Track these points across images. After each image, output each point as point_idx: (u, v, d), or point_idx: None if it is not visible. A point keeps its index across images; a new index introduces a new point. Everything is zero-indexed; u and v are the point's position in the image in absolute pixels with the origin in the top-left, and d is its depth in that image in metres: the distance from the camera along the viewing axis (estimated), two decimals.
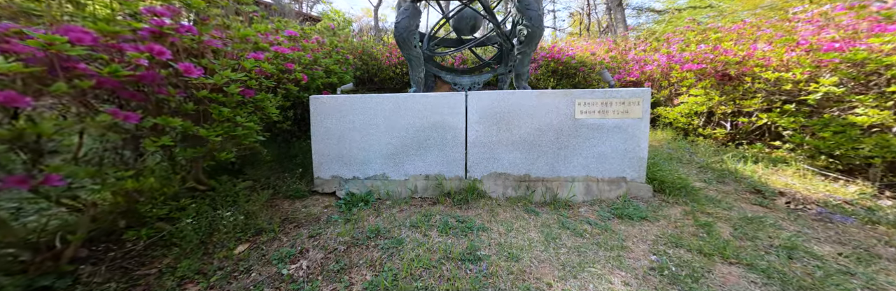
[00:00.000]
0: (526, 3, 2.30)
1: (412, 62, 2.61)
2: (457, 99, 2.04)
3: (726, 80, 2.74)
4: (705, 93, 2.76)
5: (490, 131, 2.07)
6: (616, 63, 3.95)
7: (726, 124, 2.84)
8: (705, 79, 2.79)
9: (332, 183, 2.24)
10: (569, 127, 1.98)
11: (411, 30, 2.52)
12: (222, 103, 1.38)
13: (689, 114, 2.84)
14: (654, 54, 3.34)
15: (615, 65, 3.90)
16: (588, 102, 1.89)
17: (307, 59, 2.45)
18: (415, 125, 2.11)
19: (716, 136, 2.87)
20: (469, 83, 2.87)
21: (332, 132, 2.16)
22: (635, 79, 3.30)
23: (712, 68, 2.75)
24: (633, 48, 4.13)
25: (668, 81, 3.07)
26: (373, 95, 2.11)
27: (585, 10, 19.90)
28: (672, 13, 12.63)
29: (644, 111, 1.85)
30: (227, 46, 1.55)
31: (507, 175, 2.12)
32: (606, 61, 4.11)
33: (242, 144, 1.62)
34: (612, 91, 1.86)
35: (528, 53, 2.40)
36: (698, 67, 2.73)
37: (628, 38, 5.10)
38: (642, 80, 3.25)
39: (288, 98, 2.30)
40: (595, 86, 4.17)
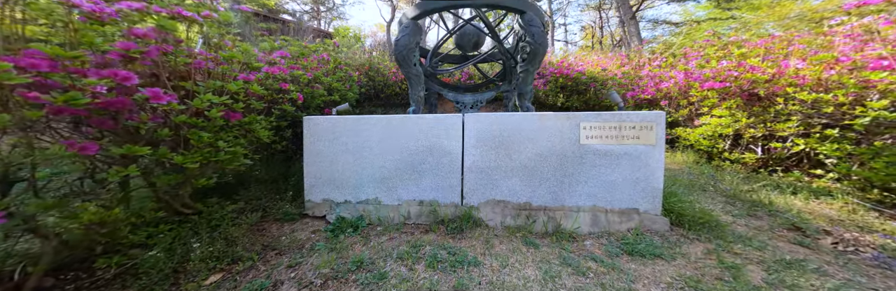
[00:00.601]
0: (528, 18, 2.21)
1: (412, 80, 2.54)
2: (453, 121, 1.93)
3: (755, 101, 2.50)
4: (731, 114, 2.51)
5: (488, 156, 1.94)
6: (629, 79, 3.76)
7: (757, 149, 2.56)
8: (730, 98, 2.55)
9: (323, 206, 2.14)
10: (573, 152, 1.82)
11: (411, 48, 2.47)
12: (203, 128, 1.31)
13: (712, 136, 2.59)
14: (670, 70, 3.14)
15: (628, 81, 3.70)
16: (594, 126, 1.74)
17: (306, 78, 2.42)
18: (409, 148, 2.01)
19: (745, 161, 2.60)
20: (471, 101, 2.76)
21: (324, 154, 2.08)
22: (650, 96, 3.10)
23: (737, 87, 2.52)
24: (648, 63, 3.94)
25: (687, 100, 2.84)
26: (366, 117, 2.03)
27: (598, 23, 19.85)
28: (690, 25, 12.35)
29: (659, 137, 1.67)
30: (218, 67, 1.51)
31: (505, 202, 1.97)
32: (618, 77, 3.93)
33: (228, 168, 1.55)
34: (622, 114, 1.71)
35: (532, 71, 2.28)
36: (721, 86, 2.51)
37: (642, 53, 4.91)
38: (658, 98, 3.05)
39: (284, 118, 2.25)
40: (607, 103, 3.98)
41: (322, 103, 2.83)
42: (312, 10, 20.80)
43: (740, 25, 10.53)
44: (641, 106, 3.27)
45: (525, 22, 2.27)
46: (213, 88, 1.34)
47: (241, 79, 1.51)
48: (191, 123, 1.23)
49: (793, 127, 2.38)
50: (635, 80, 3.59)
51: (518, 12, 2.32)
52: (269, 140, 1.81)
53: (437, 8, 2.37)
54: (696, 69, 2.76)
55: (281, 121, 2.19)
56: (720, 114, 2.58)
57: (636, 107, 3.40)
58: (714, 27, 10.87)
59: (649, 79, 3.27)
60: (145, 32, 1.17)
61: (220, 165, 1.45)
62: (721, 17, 11.53)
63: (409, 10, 2.53)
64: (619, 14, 12.32)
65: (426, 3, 2.41)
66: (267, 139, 1.74)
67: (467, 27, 2.98)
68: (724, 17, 11.42)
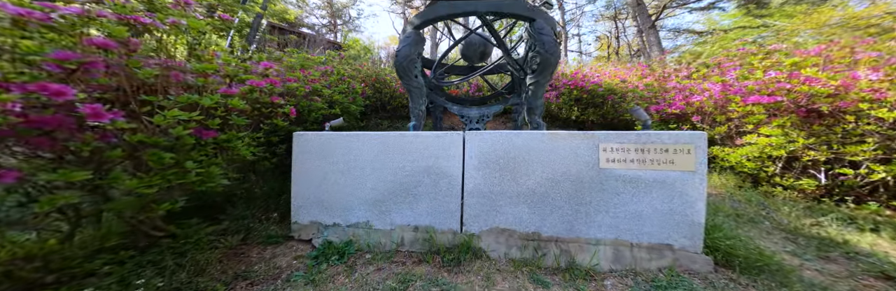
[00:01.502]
0: (538, 27, 2.02)
1: (413, 93, 2.37)
2: (452, 140, 1.72)
3: (815, 118, 2.13)
4: (784, 134, 2.15)
5: (492, 179, 1.71)
6: (652, 91, 3.44)
7: (819, 174, 2.21)
8: (782, 115, 2.19)
9: (311, 229, 1.96)
10: (591, 178, 1.57)
11: (412, 58, 2.31)
12: (168, 148, 1.16)
13: (759, 157, 2.23)
14: (702, 82, 2.81)
15: (651, 94, 3.39)
16: (617, 148, 1.49)
17: (303, 90, 2.29)
18: (404, 169, 1.81)
19: (802, 188, 2.22)
20: (477, 115, 2.56)
21: (313, 173, 1.91)
22: (678, 111, 2.78)
23: (791, 101, 2.15)
24: (674, 74, 3.61)
25: (725, 116, 2.49)
26: (359, 133, 1.85)
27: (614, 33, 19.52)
28: (716, 34, 11.86)
29: (699, 162, 1.40)
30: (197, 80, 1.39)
31: (511, 231, 1.73)
32: (640, 89, 3.64)
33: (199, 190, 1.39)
34: (651, 134, 1.45)
35: (542, 84, 2.07)
36: (771, 100, 2.14)
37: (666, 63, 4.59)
38: (688, 113, 2.72)
39: (276, 132, 2.10)
40: (627, 118, 3.67)
41: (321, 117, 2.69)
42: (330, 23, 21.50)
43: (772, 34, 10.01)
44: (668, 121, 2.95)
45: (535, 30, 2.08)
46: (184, 103, 1.19)
47: (223, 92, 1.36)
48: (151, 143, 1.07)
49: (869, 150, 1.99)
50: (660, 93, 3.27)
51: (527, 20, 2.14)
52: (253, 157, 1.65)
53: (440, 16, 2.21)
54: (735, 80, 2.44)
55: (272, 136, 2.04)
56: (770, 132, 2.21)
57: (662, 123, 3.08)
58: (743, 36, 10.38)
59: (677, 91, 2.95)
60: (105, 42, 1.04)
61: (191, 187, 1.28)
62: (750, 25, 11.02)
63: (412, 19, 2.39)
64: (636, 23, 12.03)
65: (429, 12, 2.27)
66: (250, 157, 1.58)
67: (473, 36, 2.81)
68: (754, 25, 10.91)
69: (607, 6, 18.03)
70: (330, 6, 21.63)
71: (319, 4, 21.59)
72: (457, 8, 2.16)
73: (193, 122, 1.13)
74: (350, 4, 22.71)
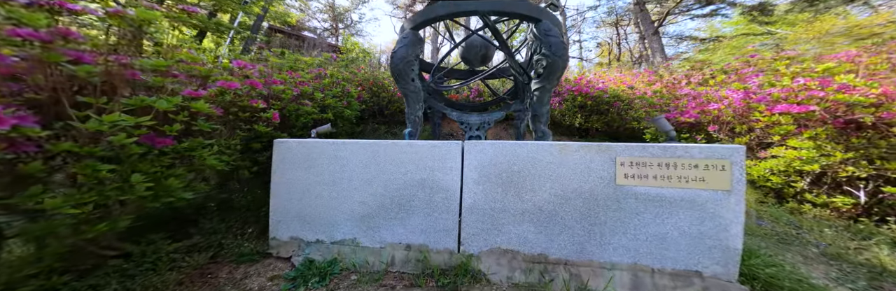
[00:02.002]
0: (544, 28, 1.86)
1: (409, 98, 2.20)
2: (450, 150, 1.55)
3: (854, 130, 1.94)
4: (817, 147, 1.94)
5: (493, 194, 1.54)
6: (662, 99, 3.27)
7: (857, 192, 2.00)
8: (814, 126, 1.99)
9: (291, 245, 1.77)
10: (606, 195, 1.39)
11: (409, 60, 2.14)
12: (107, 158, 0.98)
13: (786, 171, 2.04)
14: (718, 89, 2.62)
15: (662, 101, 3.23)
16: (637, 162, 1.31)
17: (291, 93, 2.12)
18: (396, 181, 1.63)
19: (836, 206, 2.03)
20: (478, 122, 2.39)
21: (295, 184, 1.73)
22: (692, 119, 2.60)
23: (825, 111, 1.97)
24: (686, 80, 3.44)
25: (746, 126, 2.32)
26: (348, 141, 1.68)
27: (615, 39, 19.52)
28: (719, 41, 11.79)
29: (736, 181, 1.22)
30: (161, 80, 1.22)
31: (514, 252, 1.55)
32: (649, 96, 3.48)
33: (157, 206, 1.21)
34: (678, 147, 1.27)
35: (548, 89, 1.90)
36: (802, 110, 1.95)
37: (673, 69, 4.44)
38: (703, 122, 2.53)
39: (258, 139, 1.93)
40: (634, 126, 3.49)
41: (311, 122, 2.51)
42: (332, 26, 21.51)
43: (775, 42, 9.94)
44: (680, 130, 2.78)
45: (541, 31, 1.92)
46: (134, 106, 1.02)
47: (188, 94, 1.19)
48: (83, 153, 0.90)
49: None
50: (671, 100, 3.09)
51: (532, 21, 1.98)
52: (225, 167, 1.47)
53: (439, 16, 2.06)
54: (758, 88, 2.26)
55: (254, 143, 1.86)
56: (799, 145, 2.01)
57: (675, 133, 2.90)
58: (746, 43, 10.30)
59: (690, 99, 2.78)
60: (31, 32, 0.87)
61: (142, 203, 1.10)
62: (754, 32, 10.96)
63: (410, 19, 2.23)
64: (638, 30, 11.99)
65: (428, 11, 2.11)
66: (221, 166, 1.40)
67: (474, 38, 2.66)
68: (757, 32, 10.85)
69: (609, 12, 18.07)
70: (332, 10, 21.67)
71: (322, 8, 21.64)
72: (457, 7, 2.00)
73: (144, 128, 0.96)
74: (352, 8, 22.78)
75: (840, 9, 9.26)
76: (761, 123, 2.09)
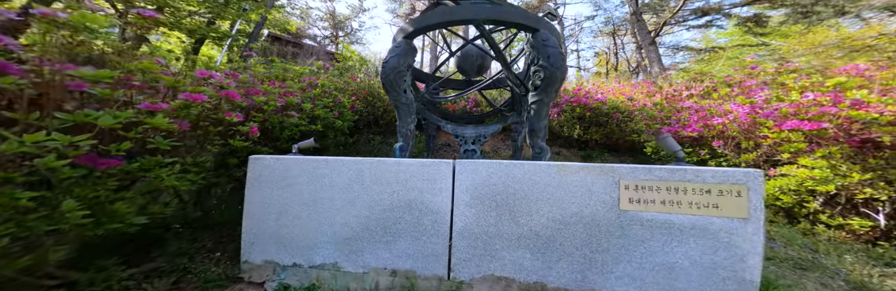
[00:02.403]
0: (542, 37, 1.77)
1: (401, 110, 2.09)
2: (440, 170, 1.43)
3: (871, 150, 1.81)
4: (831, 166, 1.82)
5: (486, 217, 1.41)
6: (663, 111, 3.18)
7: (877, 215, 1.87)
8: (828, 144, 1.87)
9: (265, 269, 1.62)
10: (609, 221, 1.27)
11: (401, 70, 2.04)
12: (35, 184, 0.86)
13: (797, 191, 1.92)
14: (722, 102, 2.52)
15: (662, 114, 3.13)
16: (642, 186, 1.19)
17: (274, 105, 2.00)
18: (382, 202, 1.51)
19: (852, 229, 1.90)
20: (473, 135, 2.28)
21: (271, 203, 1.59)
22: (695, 134, 2.49)
23: (838, 129, 1.86)
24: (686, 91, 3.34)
25: (752, 142, 2.21)
26: (330, 159, 1.56)
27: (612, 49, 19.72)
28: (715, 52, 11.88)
29: (754, 208, 1.09)
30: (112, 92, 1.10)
31: (509, 280, 1.41)
32: (649, 108, 3.39)
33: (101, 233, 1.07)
34: (688, 170, 1.16)
35: (546, 102, 1.80)
36: (814, 127, 1.84)
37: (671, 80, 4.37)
38: (707, 137, 2.42)
39: (235, 154, 1.80)
40: (636, 138, 3.39)
41: (298, 134, 2.39)
42: (332, 34, 21.64)
43: (769, 53, 10.01)
44: (683, 144, 2.67)
45: (538, 41, 1.83)
46: (74, 122, 0.89)
47: (145, 107, 1.07)
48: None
49: None
50: (672, 113, 3.00)
51: (529, 30, 1.90)
52: (191, 187, 1.34)
53: (433, 24, 1.97)
54: (765, 102, 2.17)
55: (231, 158, 1.73)
56: (812, 164, 1.89)
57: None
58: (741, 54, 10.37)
59: (693, 112, 2.68)
60: None
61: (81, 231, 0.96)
62: (748, 43, 11.05)
63: (403, 27, 2.15)
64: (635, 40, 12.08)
65: (422, 19, 2.03)
66: (186, 186, 1.27)
67: (470, 48, 2.58)
68: (752, 43, 10.94)
69: (606, 22, 18.29)
70: (332, 18, 21.84)
71: (322, 16, 21.81)
72: (453, 15, 1.92)
73: (84, 148, 0.84)
74: (352, 16, 22.98)
75: (832, 21, 9.37)
76: (769, 140, 1.98)
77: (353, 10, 23.07)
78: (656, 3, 12.28)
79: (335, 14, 21.91)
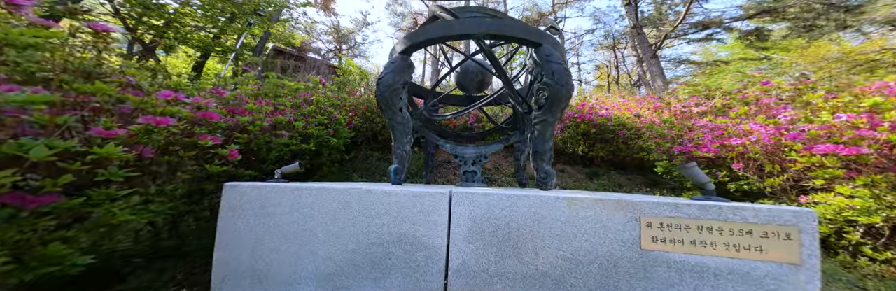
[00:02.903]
0: (545, 53, 1.66)
1: (396, 130, 1.96)
2: (435, 201, 1.28)
3: None
4: (874, 196, 1.63)
5: (487, 254, 1.25)
6: (673, 129, 3.03)
7: None
8: (869, 172, 1.68)
9: None
10: (629, 261, 1.10)
11: (396, 88, 1.93)
12: None
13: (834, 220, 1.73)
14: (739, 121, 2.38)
15: (673, 132, 2.96)
16: (668, 224, 1.03)
17: (259, 125, 1.88)
18: (370, 235, 1.35)
19: None
20: (473, 156, 2.13)
21: (246, 234, 1.43)
22: (711, 154, 2.33)
23: (880, 154, 1.67)
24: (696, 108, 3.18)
25: (778, 165, 2.02)
26: (312, 186, 1.41)
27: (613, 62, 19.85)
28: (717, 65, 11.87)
29: (807, 253, 0.92)
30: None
31: None
32: (658, 125, 3.25)
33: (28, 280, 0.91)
34: (723, 208, 1.00)
35: (551, 122, 1.66)
36: (851, 152, 1.65)
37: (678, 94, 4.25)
38: (725, 158, 2.25)
39: (211, 179, 1.66)
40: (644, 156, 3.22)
41: (289, 154, 2.26)
42: (336, 48, 21.99)
43: (771, 67, 9.98)
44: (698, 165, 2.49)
45: (541, 57, 1.72)
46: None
47: (97, 133, 0.93)
48: None
49: None
50: (684, 131, 2.84)
51: (531, 45, 1.79)
52: (153, 218, 1.19)
53: (430, 39, 1.87)
54: (789, 123, 2.00)
55: (207, 184, 1.59)
56: (853, 192, 1.72)
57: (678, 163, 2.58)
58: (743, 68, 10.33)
59: (708, 131, 2.52)
60: None
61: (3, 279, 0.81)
62: (751, 57, 11.05)
63: (399, 43, 2.05)
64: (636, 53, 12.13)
65: (419, 34, 1.93)
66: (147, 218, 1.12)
67: (470, 64, 2.47)
68: (754, 57, 10.94)
69: (606, 36, 18.50)
70: (336, 32, 22.27)
71: (326, 30, 22.25)
72: (451, 30, 1.82)
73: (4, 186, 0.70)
74: (356, 30, 23.44)
75: (834, 35, 9.38)
76: (799, 165, 1.80)
77: (357, 24, 23.57)
78: (656, 17, 12.42)
79: (339, 28, 22.36)
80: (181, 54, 13.62)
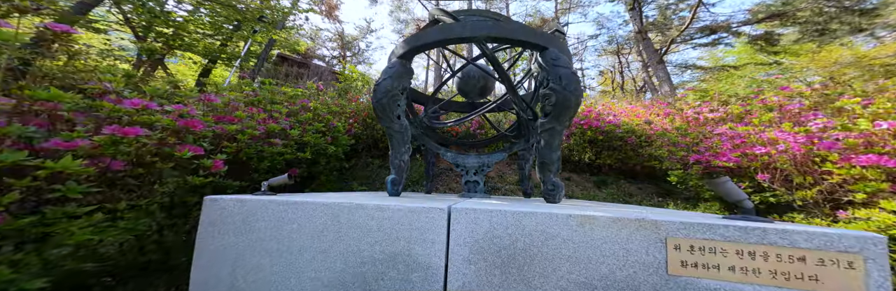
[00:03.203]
0: (552, 56, 1.56)
1: (394, 139, 1.85)
2: (431, 218, 1.16)
3: None
4: None
5: (489, 277, 1.12)
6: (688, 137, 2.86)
7: None
8: None
9: None
10: (653, 287, 0.97)
11: (393, 94, 1.83)
12: None
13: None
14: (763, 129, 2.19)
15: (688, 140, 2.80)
16: (700, 246, 0.90)
17: (250, 133, 1.79)
18: (361, 254, 1.23)
19: None
20: (476, 165, 2.01)
21: (227, 252, 1.32)
22: (731, 164, 2.16)
23: None
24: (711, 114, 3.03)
25: (810, 177, 1.85)
26: (298, 201, 1.30)
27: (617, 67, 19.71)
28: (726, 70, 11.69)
29: (876, 284, 0.78)
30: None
31: None
32: (670, 131, 3.10)
33: None
34: (768, 231, 0.86)
35: (559, 131, 1.54)
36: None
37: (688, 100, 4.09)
38: (748, 168, 2.08)
39: (198, 191, 1.56)
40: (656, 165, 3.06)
41: (283, 163, 2.16)
42: (340, 54, 22.19)
43: (780, 71, 9.79)
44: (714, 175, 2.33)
45: (547, 61, 1.61)
46: None
47: (54, 145, 0.84)
48: None
49: None
50: (700, 138, 2.68)
51: (536, 48, 1.69)
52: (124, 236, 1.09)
53: (428, 43, 1.78)
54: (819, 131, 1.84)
55: (190, 196, 1.49)
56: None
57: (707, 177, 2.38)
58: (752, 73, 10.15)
59: (726, 139, 2.35)
60: None
61: None
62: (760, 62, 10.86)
63: (398, 46, 1.97)
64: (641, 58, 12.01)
65: (418, 37, 1.84)
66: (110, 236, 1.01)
67: (471, 69, 2.38)
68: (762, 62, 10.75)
69: (610, 41, 18.41)
70: (340, 39, 22.52)
71: (331, 37, 22.51)
72: (451, 33, 1.73)
73: None
74: (360, 37, 23.70)
75: (845, 39, 9.19)
76: (836, 177, 1.64)
77: (361, 30, 23.84)
78: (661, 22, 12.33)
79: (343, 35, 22.62)
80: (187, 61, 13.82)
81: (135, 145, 1.01)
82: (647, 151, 3.14)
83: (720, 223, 0.89)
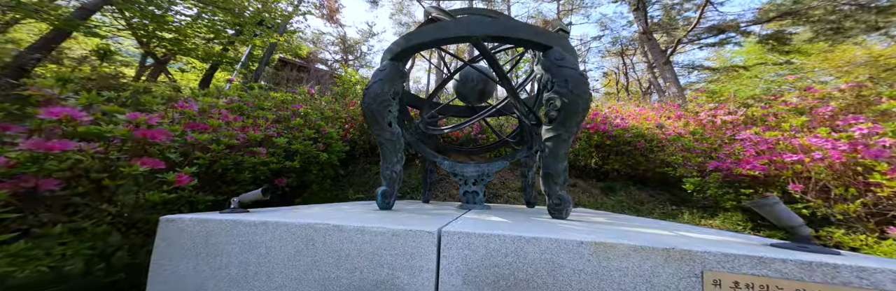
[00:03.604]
0: (556, 56, 1.40)
1: (385, 147, 1.70)
2: (419, 243, 1.00)
3: None
4: None
5: None
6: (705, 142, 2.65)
7: None
8: None
9: None
10: None
11: (384, 98, 1.69)
12: None
13: None
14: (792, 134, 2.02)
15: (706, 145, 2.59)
16: (748, 284, 0.73)
17: (226, 142, 1.64)
18: (339, 282, 1.07)
19: None
20: (475, 175, 1.85)
21: (185, 280, 1.16)
22: (758, 173, 1.96)
23: None
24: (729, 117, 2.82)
25: (853, 188, 1.67)
26: (268, 221, 1.14)
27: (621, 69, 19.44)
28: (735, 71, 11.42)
29: None
30: None
31: None
32: (684, 136, 2.90)
33: None
34: (840, 268, 0.68)
35: (565, 139, 1.38)
36: None
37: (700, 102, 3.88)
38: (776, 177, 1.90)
39: (168, 206, 1.41)
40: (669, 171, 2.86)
41: (268, 174, 2.01)
42: (342, 58, 22.21)
43: (791, 72, 9.53)
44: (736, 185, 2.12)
45: (551, 61, 1.46)
46: None
47: None
48: None
49: None
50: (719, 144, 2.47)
51: (540, 48, 1.54)
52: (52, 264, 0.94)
53: (422, 43, 1.64)
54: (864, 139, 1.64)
55: (151, 214, 1.34)
56: None
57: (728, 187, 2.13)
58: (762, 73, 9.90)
59: (750, 145, 2.14)
60: None
61: None
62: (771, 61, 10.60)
63: (389, 48, 1.83)
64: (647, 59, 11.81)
65: (410, 37, 1.70)
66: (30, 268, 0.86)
67: (469, 71, 2.22)
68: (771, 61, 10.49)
69: (613, 42, 18.18)
70: (342, 42, 22.57)
71: (333, 41, 22.57)
72: (446, 32, 1.58)
73: None
74: (362, 41, 23.76)
75: (859, 38, 8.92)
76: (886, 190, 1.45)
77: (363, 34, 23.90)
78: (666, 22, 12.11)
79: (345, 38, 22.68)
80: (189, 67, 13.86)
81: (68, 162, 0.86)
82: (658, 157, 2.95)
83: (774, 256, 0.71)
